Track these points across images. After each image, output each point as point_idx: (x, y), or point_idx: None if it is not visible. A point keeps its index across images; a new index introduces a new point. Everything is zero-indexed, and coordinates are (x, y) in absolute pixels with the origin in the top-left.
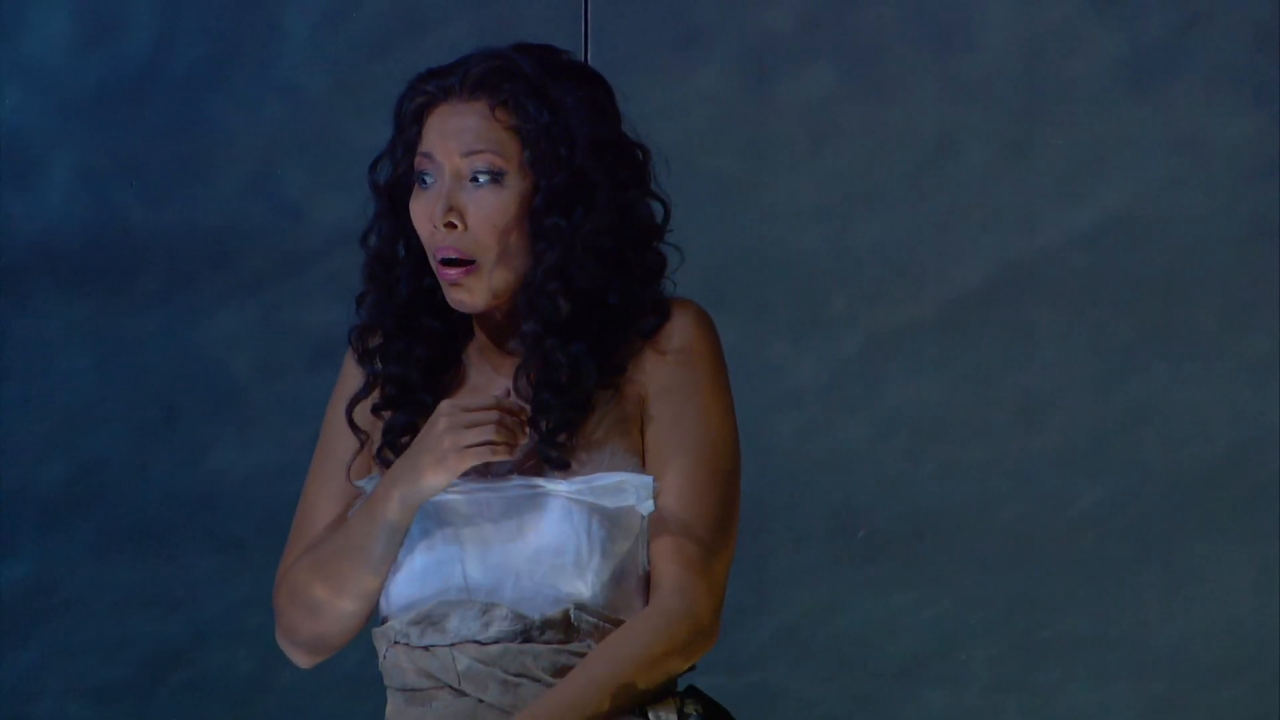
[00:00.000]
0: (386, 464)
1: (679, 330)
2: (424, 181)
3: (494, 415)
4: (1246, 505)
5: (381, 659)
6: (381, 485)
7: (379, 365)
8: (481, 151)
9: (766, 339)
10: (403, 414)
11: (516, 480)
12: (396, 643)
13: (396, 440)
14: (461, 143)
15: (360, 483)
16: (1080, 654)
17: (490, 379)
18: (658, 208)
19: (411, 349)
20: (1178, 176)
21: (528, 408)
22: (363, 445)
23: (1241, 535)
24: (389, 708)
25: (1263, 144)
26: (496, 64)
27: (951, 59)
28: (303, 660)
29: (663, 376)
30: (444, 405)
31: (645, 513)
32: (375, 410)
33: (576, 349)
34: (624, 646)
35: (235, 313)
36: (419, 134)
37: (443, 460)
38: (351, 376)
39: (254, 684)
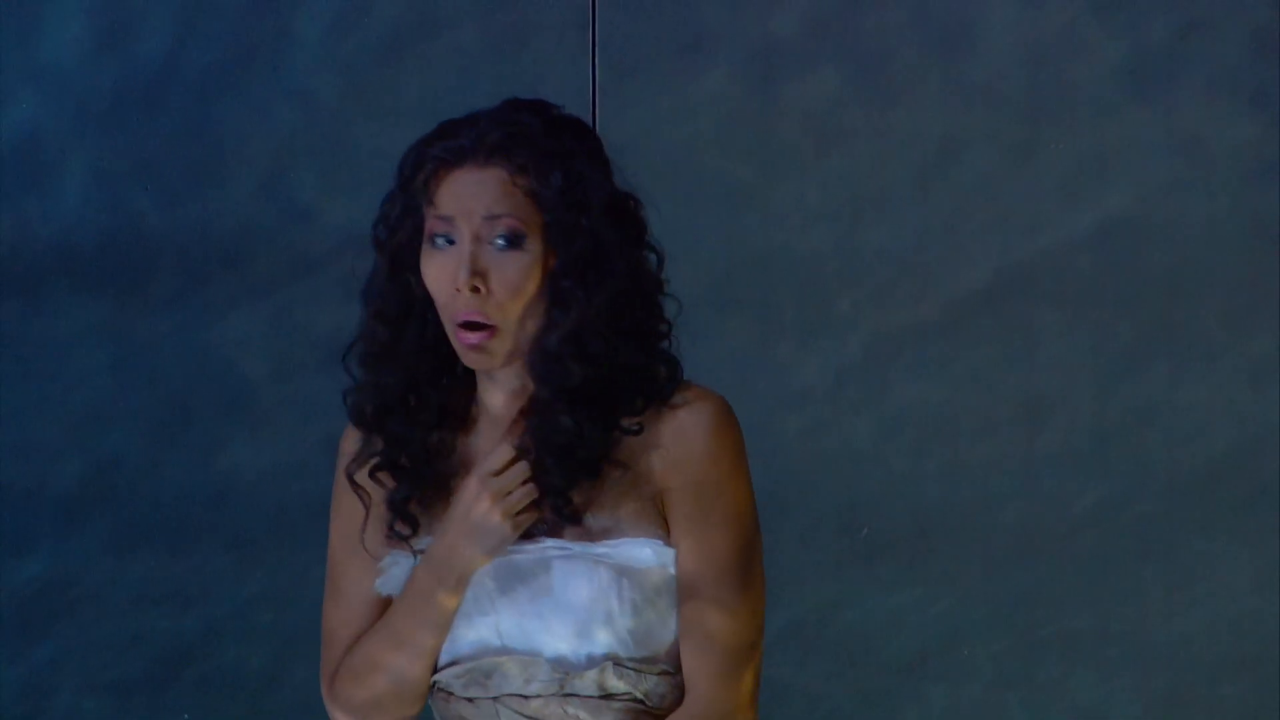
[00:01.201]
0: (400, 537)
1: (703, 432)
2: (437, 243)
3: (528, 472)
4: (1247, 504)
5: (430, 697)
6: (426, 572)
7: (385, 428)
8: (503, 216)
9: (773, 340)
10: (408, 479)
11: (544, 543)
12: (440, 689)
13: (406, 509)
14: (482, 206)
15: (383, 564)
16: (1082, 650)
17: (491, 438)
18: (652, 256)
19: (419, 411)
20: (1179, 179)
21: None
22: (367, 511)
23: (1242, 534)
24: None
25: (1263, 147)
26: (510, 129)
27: (955, 63)
28: None
29: (693, 471)
30: (476, 479)
31: (660, 565)
32: (374, 473)
33: (584, 413)
34: None
35: (247, 314)
36: (430, 197)
37: (494, 531)
38: (345, 488)
39: (266, 679)
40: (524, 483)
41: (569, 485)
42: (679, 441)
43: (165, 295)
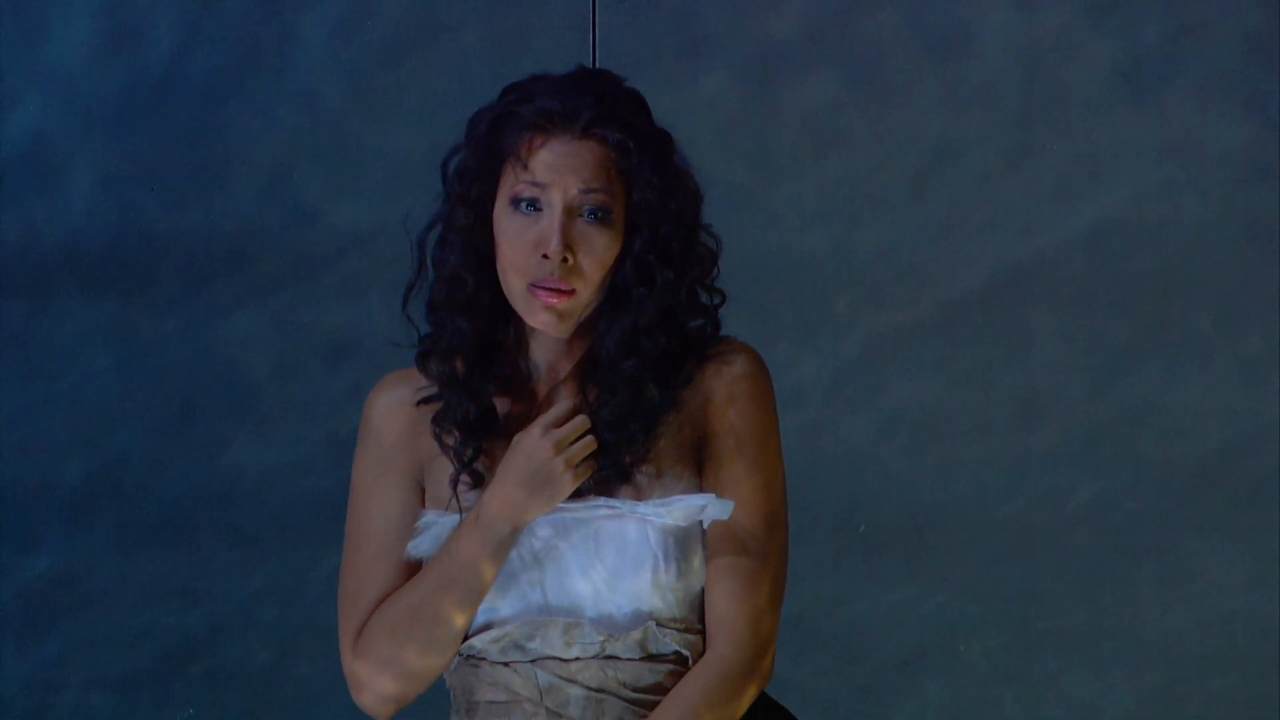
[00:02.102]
0: (468, 487)
1: (742, 376)
2: (523, 206)
3: (588, 425)
4: (1240, 501)
5: (452, 669)
6: (472, 528)
7: (459, 378)
8: (597, 190)
9: (771, 340)
10: (476, 434)
11: (591, 501)
12: (469, 658)
13: (474, 464)
14: (579, 179)
15: (424, 520)
16: (1077, 645)
17: (549, 398)
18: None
19: (489, 370)
20: (1172, 181)
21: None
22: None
23: (1235, 530)
24: (453, 718)
25: (1255, 149)
26: (607, 106)
27: (952, 67)
28: (386, 716)
29: (730, 417)
30: (539, 428)
31: (719, 518)
32: (438, 424)
33: (649, 376)
34: (691, 695)
35: (251, 314)
36: (524, 161)
37: (554, 480)
38: (384, 432)
39: (270, 675)
40: (583, 435)
41: (628, 445)
42: (718, 388)
43: (170, 296)
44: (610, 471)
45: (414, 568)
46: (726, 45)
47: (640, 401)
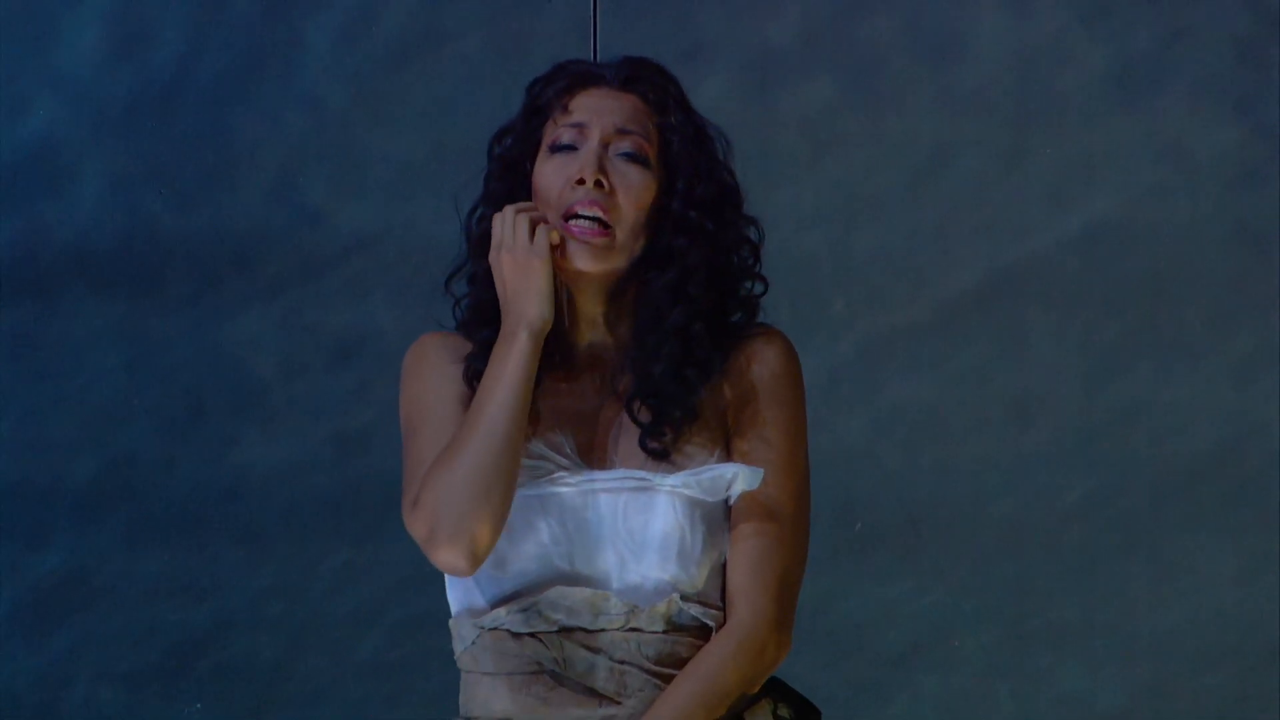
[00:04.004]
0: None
1: (776, 354)
2: (559, 149)
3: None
4: (1230, 499)
5: (467, 644)
6: (503, 342)
7: (494, 333)
8: (634, 133)
9: None
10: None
11: (621, 472)
12: (493, 629)
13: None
14: (618, 118)
15: None
16: (1069, 641)
17: (595, 365)
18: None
19: None
20: (1164, 184)
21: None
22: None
23: (1226, 528)
24: (466, 695)
25: (1245, 152)
26: (645, 69)
27: (947, 71)
28: (466, 566)
29: (763, 392)
30: (497, 214)
31: (749, 487)
32: (474, 381)
33: (700, 354)
34: (711, 667)
35: (258, 314)
36: (564, 106)
37: (519, 237)
38: (437, 360)
39: (276, 670)
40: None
41: (668, 421)
42: (751, 366)
43: (178, 296)
44: (653, 445)
45: None
46: (725, 50)
47: (691, 347)
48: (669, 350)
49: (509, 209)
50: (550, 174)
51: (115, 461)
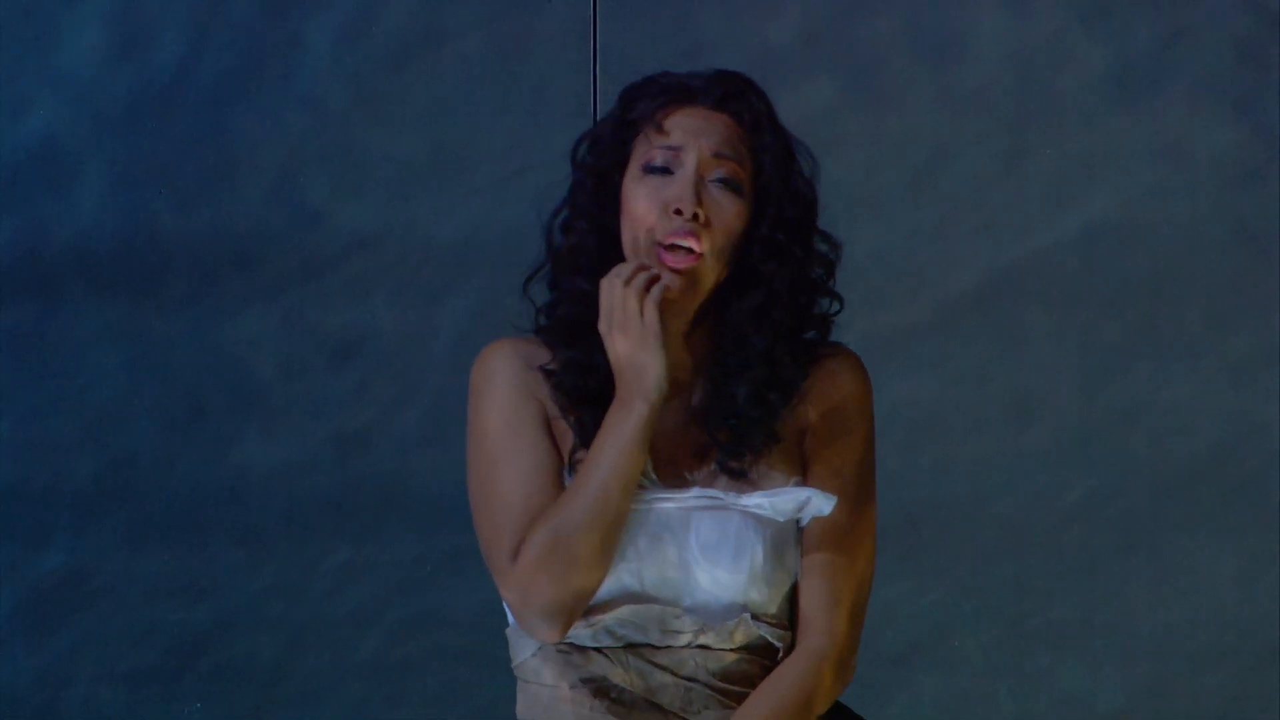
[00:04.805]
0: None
1: (851, 378)
2: (654, 170)
3: (644, 265)
4: (1229, 499)
5: (527, 656)
6: (613, 410)
7: (581, 340)
8: (729, 159)
9: None
10: (595, 404)
11: (696, 492)
12: (559, 647)
13: (591, 434)
14: (713, 143)
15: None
16: (1069, 640)
17: (676, 386)
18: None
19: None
20: (1163, 184)
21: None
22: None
23: (1225, 527)
24: (525, 704)
25: (1245, 152)
26: (737, 87)
27: (946, 72)
28: (556, 637)
29: (840, 417)
30: (604, 280)
31: (822, 513)
32: (563, 402)
33: (783, 376)
34: (787, 687)
35: (258, 314)
36: (658, 125)
37: (630, 313)
38: (510, 377)
39: (276, 670)
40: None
41: (747, 444)
42: (829, 388)
43: (179, 296)
44: (731, 466)
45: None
46: (725, 50)
47: (775, 371)
48: (752, 374)
49: (616, 281)
50: (645, 197)
51: (115, 461)
